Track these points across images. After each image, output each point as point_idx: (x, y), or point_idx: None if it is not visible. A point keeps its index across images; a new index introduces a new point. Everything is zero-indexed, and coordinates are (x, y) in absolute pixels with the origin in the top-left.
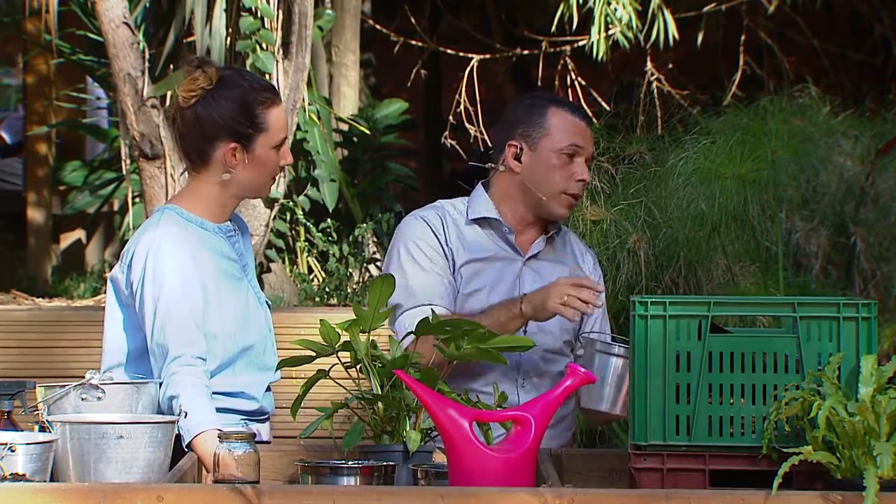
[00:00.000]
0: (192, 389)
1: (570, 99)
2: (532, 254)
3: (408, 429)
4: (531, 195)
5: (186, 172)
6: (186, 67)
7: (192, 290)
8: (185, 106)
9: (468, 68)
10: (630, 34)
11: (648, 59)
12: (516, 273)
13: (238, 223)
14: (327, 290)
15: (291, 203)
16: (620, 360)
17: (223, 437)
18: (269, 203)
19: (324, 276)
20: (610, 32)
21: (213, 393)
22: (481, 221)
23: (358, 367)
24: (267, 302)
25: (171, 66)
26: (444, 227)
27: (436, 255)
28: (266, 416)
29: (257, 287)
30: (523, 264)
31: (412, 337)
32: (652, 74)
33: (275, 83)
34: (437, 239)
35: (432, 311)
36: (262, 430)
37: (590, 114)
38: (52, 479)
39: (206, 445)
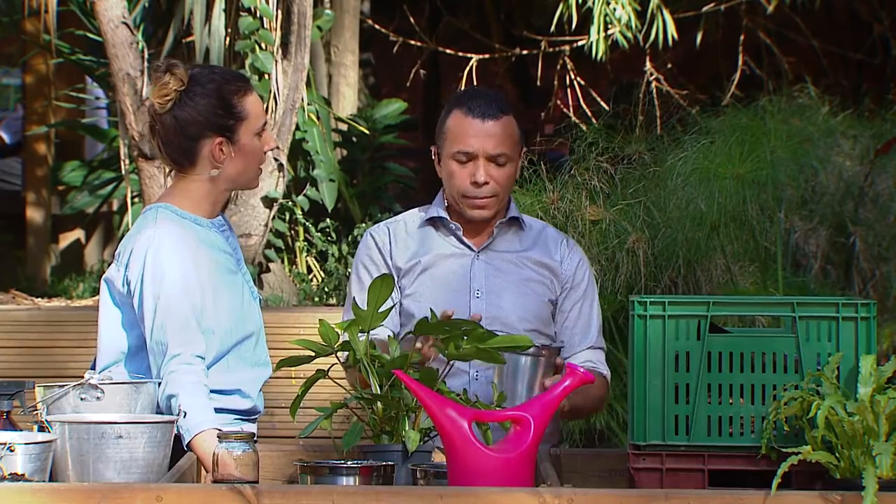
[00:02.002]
0: (191, 389)
1: (570, 99)
2: (482, 247)
3: (407, 429)
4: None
5: (173, 173)
6: (155, 74)
7: (192, 288)
8: (163, 111)
9: (467, 68)
10: (629, 34)
11: (647, 58)
12: (467, 268)
13: (224, 219)
14: (326, 289)
15: (290, 203)
16: (529, 359)
17: (222, 436)
18: (269, 203)
19: (323, 275)
20: (609, 32)
21: (210, 391)
22: (434, 222)
23: (357, 366)
24: (259, 297)
25: None
26: (391, 237)
27: (379, 270)
28: (256, 416)
29: (250, 281)
30: (476, 258)
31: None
32: (651, 74)
33: (274, 83)
34: (381, 253)
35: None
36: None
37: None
38: (51, 479)
39: (205, 445)
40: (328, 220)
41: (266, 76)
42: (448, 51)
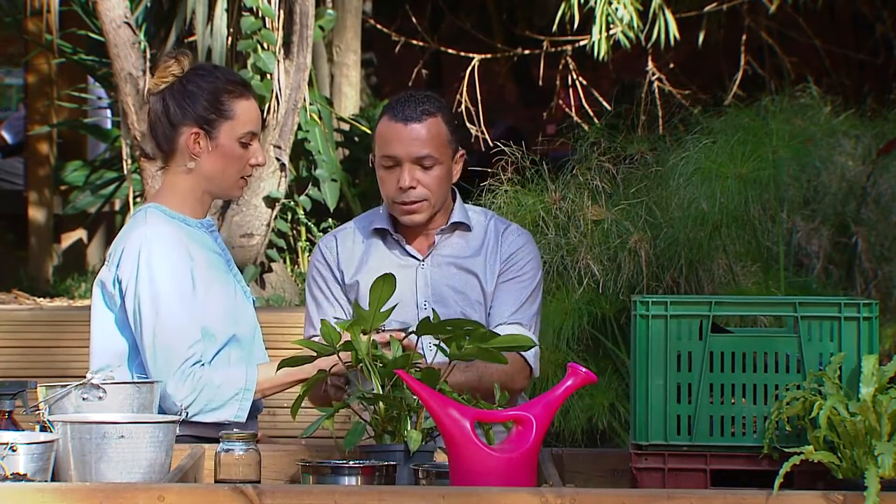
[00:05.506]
0: (218, 378)
1: (572, 99)
2: (426, 256)
3: (409, 428)
4: None
5: (161, 171)
6: (163, 57)
7: (187, 287)
8: (155, 92)
9: (469, 68)
10: (631, 34)
11: (649, 58)
12: (413, 280)
13: (211, 220)
14: None
15: (292, 203)
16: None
17: (224, 436)
18: (270, 203)
19: None
20: (611, 32)
21: None
22: (380, 232)
23: (359, 366)
24: (253, 298)
25: None
26: (338, 247)
27: (327, 283)
28: (254, 415)
29: (243, 282)
30: (420, 268)
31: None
32: (653, 74)
33: (276, 83)
34: (328, 263)
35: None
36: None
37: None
38: (53, 479)
39: (279, 374)
40: (330, 219)
41: (268, 76)
42: (450, 51)
